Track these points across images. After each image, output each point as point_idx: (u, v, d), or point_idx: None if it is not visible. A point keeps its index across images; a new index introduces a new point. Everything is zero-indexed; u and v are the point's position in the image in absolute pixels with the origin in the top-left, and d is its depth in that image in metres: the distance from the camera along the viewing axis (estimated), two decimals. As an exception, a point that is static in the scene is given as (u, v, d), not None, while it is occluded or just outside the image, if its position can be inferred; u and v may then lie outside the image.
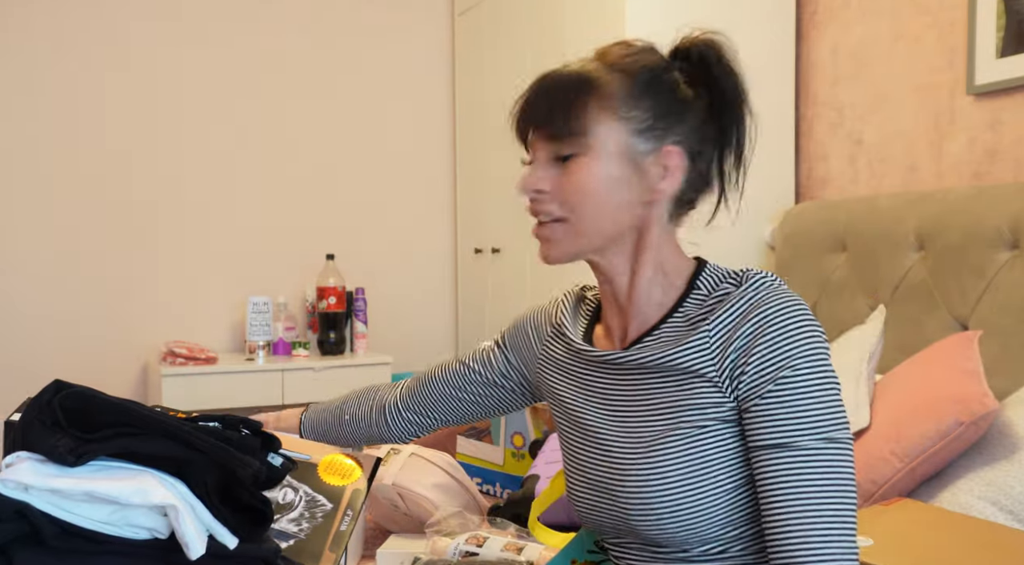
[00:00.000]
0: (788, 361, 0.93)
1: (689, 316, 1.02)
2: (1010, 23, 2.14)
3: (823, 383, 0.93)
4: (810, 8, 2.75)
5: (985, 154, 2.24)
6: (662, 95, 1.01)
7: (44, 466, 0.85)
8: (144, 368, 3.40)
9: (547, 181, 1.02)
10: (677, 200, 1.04)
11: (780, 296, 0.96)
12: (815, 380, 0.92)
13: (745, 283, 0.99)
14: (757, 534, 0.98)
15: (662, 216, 1.03)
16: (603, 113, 0.99)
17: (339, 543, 1.14)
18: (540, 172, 1.03)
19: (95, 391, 0.90)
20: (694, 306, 1.02)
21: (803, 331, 0.94)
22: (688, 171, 1.02)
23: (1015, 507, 1.48)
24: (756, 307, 0.95)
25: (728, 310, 0.97)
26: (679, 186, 1.02)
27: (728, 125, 1.03)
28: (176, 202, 3.42)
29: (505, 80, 3.34)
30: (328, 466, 1.22)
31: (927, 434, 1.55)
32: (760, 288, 0.98)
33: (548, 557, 1.27)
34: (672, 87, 1.02)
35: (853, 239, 2.38)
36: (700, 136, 1.02)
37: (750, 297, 0.97)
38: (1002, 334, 1.94)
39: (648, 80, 1.01)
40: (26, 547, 0.83)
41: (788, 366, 0.93)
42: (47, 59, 3.24)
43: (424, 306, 3.81)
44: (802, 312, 0.95)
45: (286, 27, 3.55)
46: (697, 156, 1.02)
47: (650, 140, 1.00)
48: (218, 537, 0.88)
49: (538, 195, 1.03)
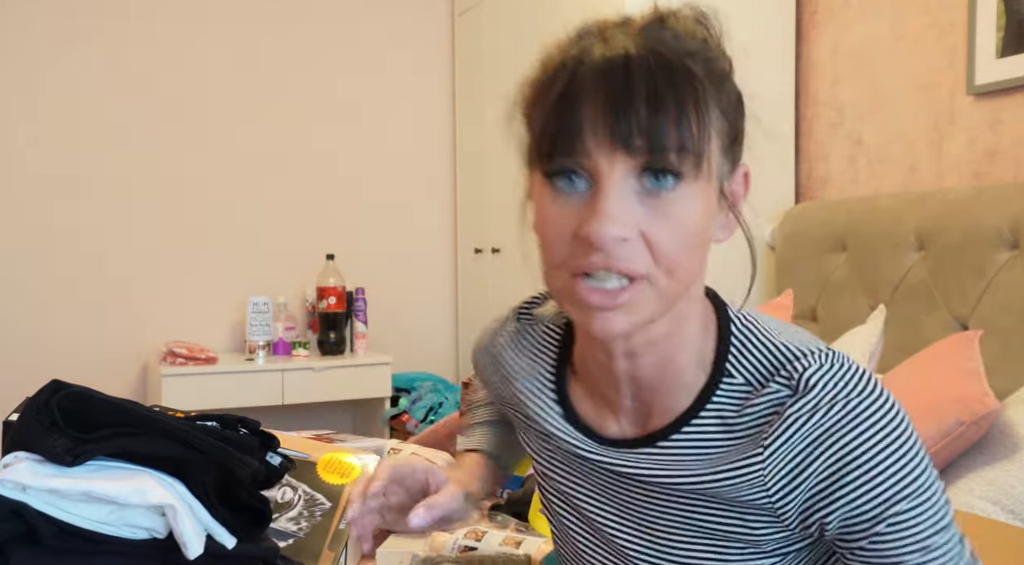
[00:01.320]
0: (893, 504, 0.70)
1: (724, 415, 0.74)
2: (1010, 23, 2.14)
3: (938, 510, 0.72)
4: (810, 8, 2.75)
5: (985, 154, 2.24)
6: (731, 94, 0.73)
7: (42, 466, 0.85)
8: (144, 368, 3.40)
9: (634, 224, 0.68)
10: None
11: (857, 411, 0.69)
12: (930, 511, 0.71)
13: (803, 387, 0.71)
14: None
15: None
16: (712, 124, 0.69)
17: (338, 541, 1.14)
18: (626, 207, 0.67)
19: (93, 391, 0.90)
20: (728, 399, 0.74)
21: (903, 458, 0.70)
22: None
23: (1016, 507, 1.48)
24: (830, 435, 0.69)
25: (788, 435, 0.70)
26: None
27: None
28: (176, 202, 3.42)
29: (505, 80, 3.34)
30: (327, 465, 1.22)
31: (928, 434, 1.55)
32: (828, 401, 0.70)
33: (546, 551, 1.27)
34: (730, 80, 0.73)
35: (853, 239, 2.37)
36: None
37: (819, 420, 0.69)
38: (1002, 334, 1.94)
39: (723, 74, 0.72)
40: (24, 547, 0.83)
41: (893, 512, 0.70)
42: (48, 58, 3.24)
43: (424, 306, 3.81)
44: (888, 422, 0.70)
45: (286, 27, 3.55)
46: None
47: (728, 156, 0.73)
48: (216, 537, 0.87)
49: (622, 243, 0.68)
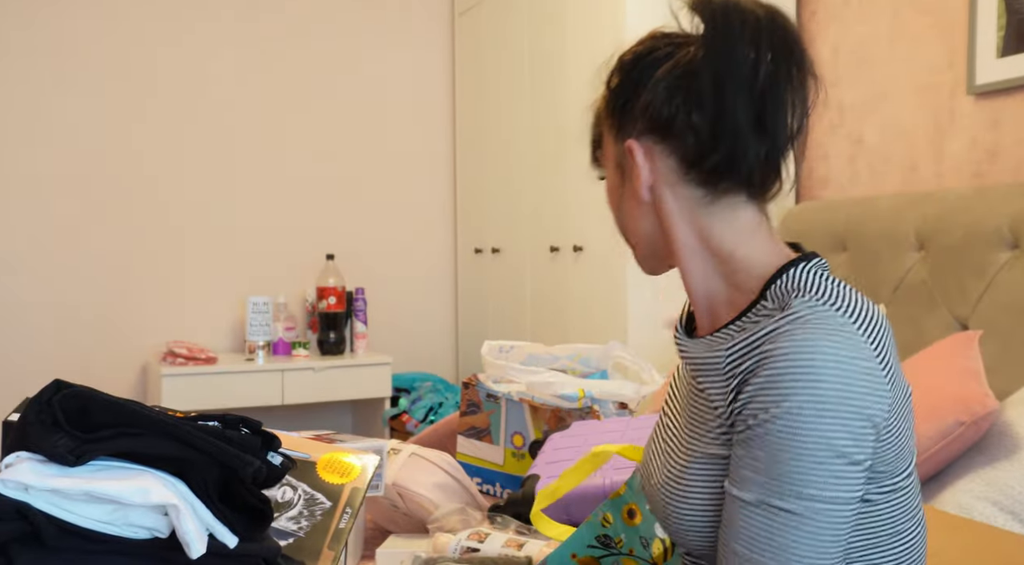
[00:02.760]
0: (768, 409, 0.81)
1: (744, 326, 0.90)
2: (1010, 23, 2.14)
3: (798, 444, 0.80)
4: (810, 8, 2.76)
5: (985, 154, 2.24)
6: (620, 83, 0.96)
7: (44, 466, 0.85)
8: (144, 368, 3.40)
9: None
10: (684, 176, 0.91)
11: (805, 333, 0.82)
12: (787, 438, 0.80)
13: (787, 308, 0.85)
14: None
15: (671, 201, 0.93)
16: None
17: (338, 541, 1.14)
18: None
19: (95, 391, 0.90)
20: (756, 319, 0.89)
21: (802, 378, 0.80)
22: (665, 147, 0.91)
23: (1015, 507, 1.48)
24: (770, 341, 0.84)
25: (749, 334, 0.87)
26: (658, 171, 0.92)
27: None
28: (176, 202, 3.43)
29: (505, 80, 3.34)
30: (327, 464, 1.22)
31: (928, 434, 1.55)
32: (793, 320, 0.84)
33: (548, 553, 1.27)
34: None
35: (853, 239, 2.38)
36: (660, 106, 0.90)
37: (772, 327, 0.85)
38: (1002, 334, 1.94)
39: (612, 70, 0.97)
40: (26, 547, 0.83)
41: (766, 416, 0.81)
42: (48, 59, 3.24)
43: (424, 306, 3.82)
44: (817, 359, 0.80)
45: (286, 27, 3.55)
46: (667, 127, 0.90)
47: (619, 140, 0.96)
48: (218, 536, 0.88)
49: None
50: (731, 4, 0.87)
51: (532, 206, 3.12)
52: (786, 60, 0.87)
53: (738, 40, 0.86)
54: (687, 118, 0.89)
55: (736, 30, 0.86)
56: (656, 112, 0.90)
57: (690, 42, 0.90)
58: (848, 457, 0.80)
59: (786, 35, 0.87)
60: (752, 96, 0.86)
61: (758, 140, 0.87)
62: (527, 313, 3.18)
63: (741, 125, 0.86)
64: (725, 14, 0.87)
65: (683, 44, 0.91)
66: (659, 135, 0.91)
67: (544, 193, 3.05)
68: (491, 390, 1.86)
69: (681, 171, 0.91)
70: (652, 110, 0.91)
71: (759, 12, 0.87)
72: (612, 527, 1.21)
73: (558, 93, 2.95)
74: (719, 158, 0.88)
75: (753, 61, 0.86)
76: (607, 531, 1.21)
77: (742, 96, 0.86)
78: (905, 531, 0.89)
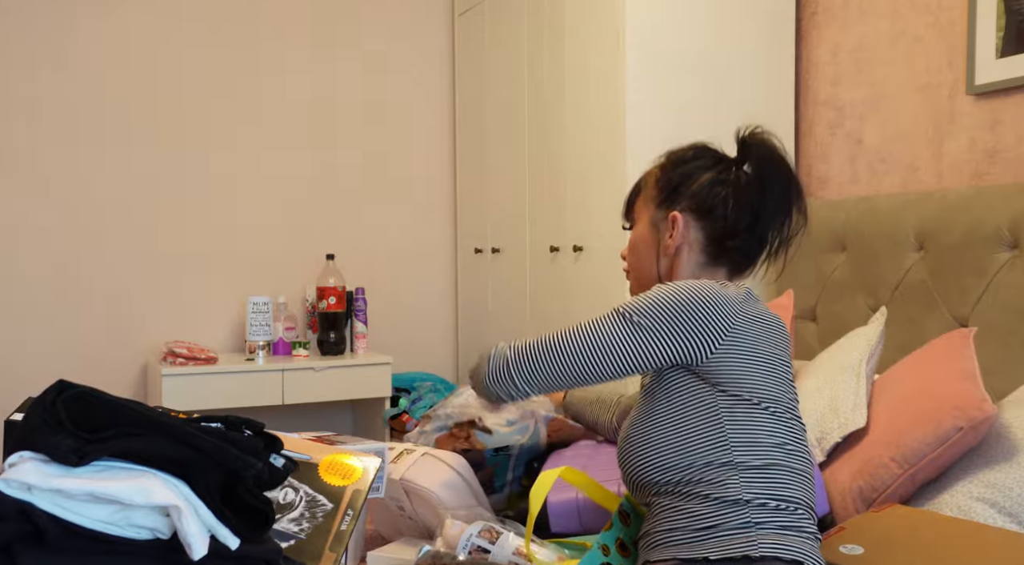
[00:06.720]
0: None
1: None
2: (1010, 23, 2.14)
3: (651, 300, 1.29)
4: (810, 8, 2.76)
5: (985, 154, 2.24)
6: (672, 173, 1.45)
7: (47, 466, 0.85)
8: (144, 368, 3.40)
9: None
10: (703, 246, 1.41)
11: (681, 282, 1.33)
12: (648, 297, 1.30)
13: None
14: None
15: (685, 258, 1.42)
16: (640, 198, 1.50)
17: (339, 542, 1.14)
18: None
19: (98, 391, 0.90)
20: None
21: (659, 289, 1.30)
22: (702, 223, 1.40)
23: (1014, 509, 1.48)
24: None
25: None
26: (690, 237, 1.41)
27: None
28: (176, 202, 3.43)
29: (505, 80, 3.34)
30: (329, 466, 1.22)
31: (926, 440, 1.55)
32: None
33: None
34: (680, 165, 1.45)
35: (853, 239, 2.38)
36: (706, 197, 1.39)
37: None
38: (1002, 334, 1.94)
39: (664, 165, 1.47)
40: (29, 547, 0.83)
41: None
42: (48, 59, 3.24)
43: (424, 306, 3.82)
44: (677, 285, 1.29)
45: (286, 27, 3.55)
46: (707, 212, 1.39)
47: (661, 207, 1.43)
48: (220, 537, 0.88)
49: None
50: (776, 155, 1.39)
51: (532, 206, 3.12)
52: (796, 207, 1.40)
53: (776, 181, 1.38)
54: (725, 210, 1.38)
55: (775, 173, 1.39)
56: (702, 200, 1.39)
57: (725, 158, 1.43)
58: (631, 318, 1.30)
59: (800, 191, 1.40)
60: (772, 220, 1.38)
61: (759, 247, 1.40)
62: (527, 313, 3.18)
63: (764, 232, 1.38)
64: (771, 157, 1.39)
65: (722, 159, 1.43)
66: (699, 214, 1.40)
67: (544, 193, 3.05)
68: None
69: (704, 242, 1.40)
70: (699, 197, 1.39)
71: (790, 168, 1.40)
72: (612, 556, 1.25)
73: (558, 93, 2.95)
74: (735, 243, 1.38)
75: (781, 194, 1.39)
76: (608, 560, 1.24)
77: (766, 215, 1.38)
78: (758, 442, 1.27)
